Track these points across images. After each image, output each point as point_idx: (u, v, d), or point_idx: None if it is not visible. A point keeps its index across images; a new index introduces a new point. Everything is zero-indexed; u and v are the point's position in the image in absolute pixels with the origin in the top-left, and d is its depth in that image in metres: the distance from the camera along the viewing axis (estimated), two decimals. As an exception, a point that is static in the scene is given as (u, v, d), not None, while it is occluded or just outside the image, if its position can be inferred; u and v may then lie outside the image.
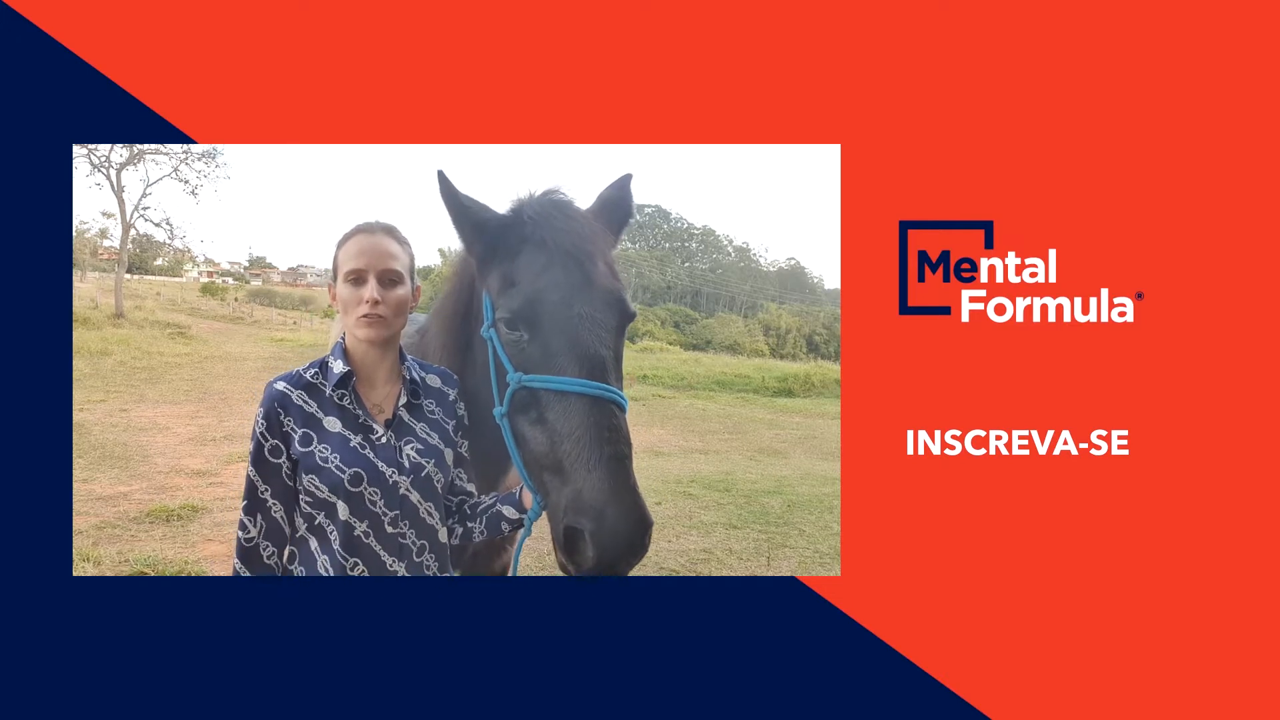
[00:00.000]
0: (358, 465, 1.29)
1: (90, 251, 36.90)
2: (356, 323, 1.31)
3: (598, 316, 1.25)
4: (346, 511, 1.29)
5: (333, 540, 1.29)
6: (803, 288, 77.12)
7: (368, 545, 1.30)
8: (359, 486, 1.28)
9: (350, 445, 1.30)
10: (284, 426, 1.30)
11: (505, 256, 1.33)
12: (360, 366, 1.36)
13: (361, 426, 1.32)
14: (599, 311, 1.26)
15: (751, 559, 4.52)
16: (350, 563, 1.29)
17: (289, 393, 1.32)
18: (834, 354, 43.40)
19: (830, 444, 10.22)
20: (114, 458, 6.37)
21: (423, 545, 1.36)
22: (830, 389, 18.36)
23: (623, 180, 1.47)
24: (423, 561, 1.36)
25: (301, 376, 1.34)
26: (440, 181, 1.36)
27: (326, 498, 1.28)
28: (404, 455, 1.33)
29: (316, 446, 1.29)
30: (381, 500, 1.30)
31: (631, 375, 19.16)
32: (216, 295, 37.25)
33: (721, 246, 77.85)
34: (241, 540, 1.31)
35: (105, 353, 14.07)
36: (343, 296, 1.33)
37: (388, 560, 1.31)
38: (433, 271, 15.49)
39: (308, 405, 1.32)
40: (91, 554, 3.93)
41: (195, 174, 22.86)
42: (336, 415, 1.32)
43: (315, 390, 1.34)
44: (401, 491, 1.31)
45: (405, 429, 1.35)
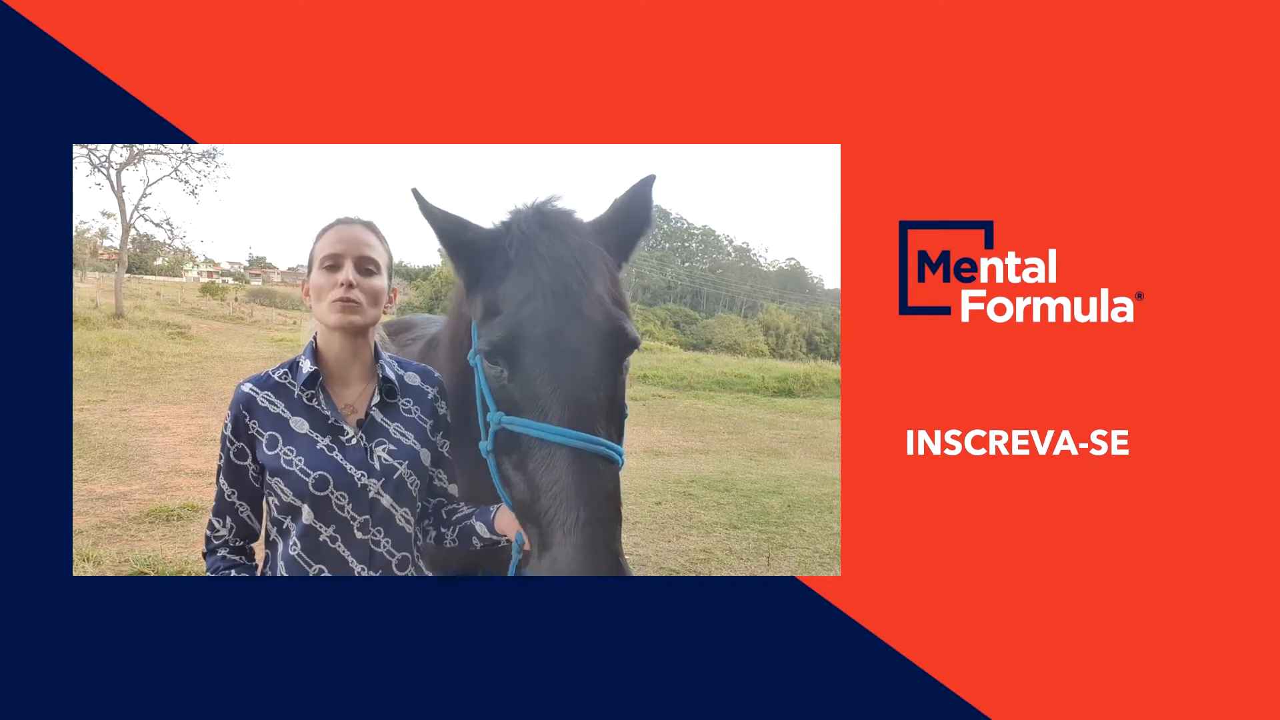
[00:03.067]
0: (323, 468, 1.24)
1: (90, 251, 36.90)
2: (329, 308, 1.25)
3: (587, 353, 1.12)
4: (311, 516, 1.24)
5: (292, 547, 1.24)
6: (803, 288, 77.15)
7: (334, 550, 1.25)
8: (324, 490, 1.23)
9: (317, 448, 1.25)
10: (250, 429, 1.26)
11: (490, 280, 1.21)
12: (332, 364, 1.30)
13: (331, 428, 1.27)
14: (589, 347, 1.12)
15: (751, 559, 4.52)
16: (314, 569, 1.25)
17: (255, 395, 1.27)
18: (834, 354, 43.41)
19: (830, 444, 10.22)
20: (114, 458, 6.37)
21: (404, 557, 1.31)
22: (830, 389, 18.35)
23: (643, 183, 1.32)
24: (405, 574, 1.31)
25: (270, 377, 1.30)
26: (417, 200, 1.27)
27: (292, 501, 1.24)
28: (375, 457, 1.27)
29: (282, 449, 1.24)
30: (350, 504, 1.25)
31: (631, 376, 19.08)
32: (216, 295, 37.22)
33: (721, 246, 77.84)
34: (211, 539, 1.31)
35: (105, 353, 14.07)
36: (316, 283, 1.27)
37: (356, 568, 1.26)
38: (433, 272, 15.46)
39: (274, 406, 1.27)
40: (91, 554, 3.93)
41: (195, 174, 22.89)
42: (305, 416, 1.27)
43: (284, 391, 1.28)
44: (371, 495, 1.26)
45: (377, 429, 1.30)
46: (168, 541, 4.26)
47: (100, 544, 4.13)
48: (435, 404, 1.38)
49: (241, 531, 1.31)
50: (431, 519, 1.40)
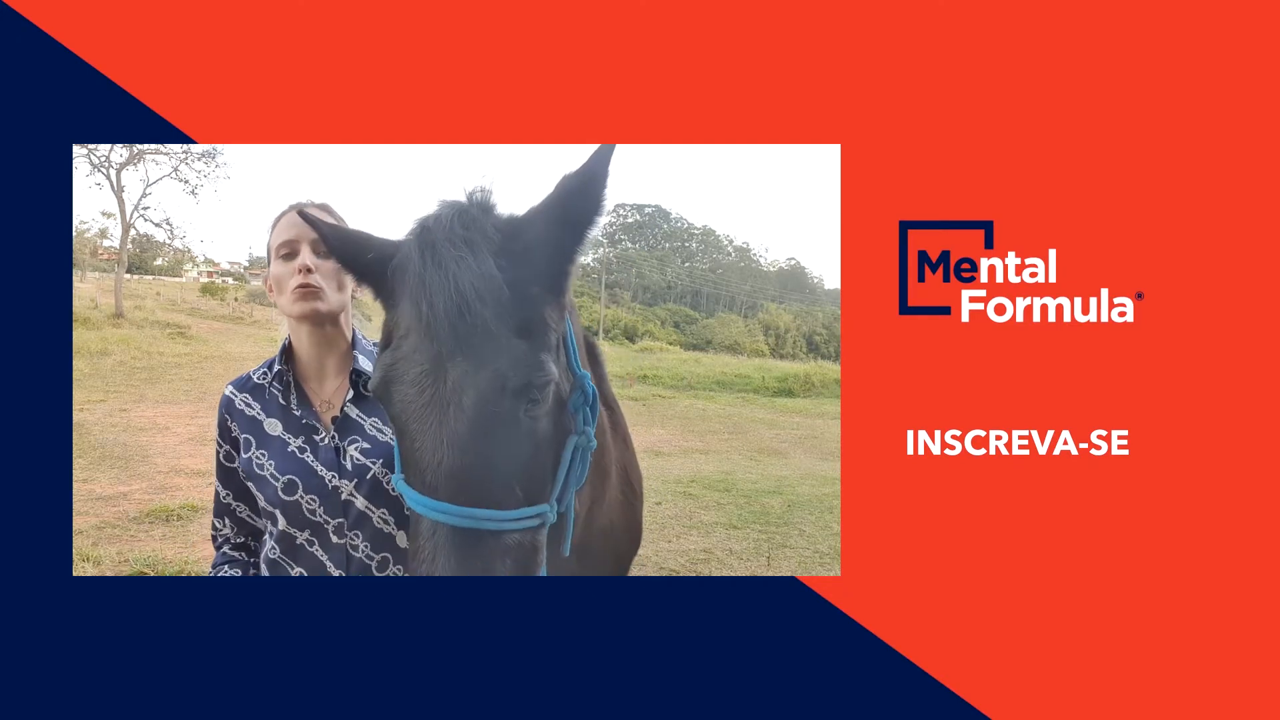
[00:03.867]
0: (292, 472, 1.19)
1: (90, 251, 36.88)
2: (291, 298, 1.19)
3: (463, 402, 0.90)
4: (284, 522, 1.20)
5: (270, 551, 1.22)
6: (803, 288, 77.18)
7: (311, 554, 1.21)
8: (294, 495, 1.19)
9: (288, 450, 1.21)
10: (232, 432, 1.24)
11: (390, 304, 1.02)
12: (305, 360, 1.25)
13: (304, 428, 1.22)
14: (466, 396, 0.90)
15: (751, 559, 4.52)
16: (295, 572, 1.22)
17: (234, 397, 1.25)
18: (834, 354, 43.41)
19: (830, 444, 10.23)
20: (114, 458, 6.37)
21: (384, 558, 1.24)
22: (830, 389, 18.36)
23: (596, 156, 1.03)
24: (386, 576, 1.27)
25: (249, 379, 1.27)
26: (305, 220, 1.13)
27: (265, 506, 1.21)
28: (346, 457, 1.21)
29: (255, 453, 1.21)
30: (321, 508, 1.20)
31: (631, 375, 19.15)
32: (216, 295, 37.19)
33: (721, 246, 77.87)
34: (215, 536, 1.32)
35: (105, 353, 14.07)
36: (276, 275, 1.23)
37: (335, 573, 1.22)
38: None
39: (250, 408, 1.24)
40: (91, 554, 3.93)
41: (195, 174, 22.89)
42: (279, 417, 1.23)
43: (260, 392, 1.25)
44: (344, 497, 1.21)
45: (352, 427, 1.23)
46: (168, 541, 4.26)
47: (100, 544, 4.13)
48: None
49: (242, 530, 1.30)
50: None
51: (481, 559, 0.90)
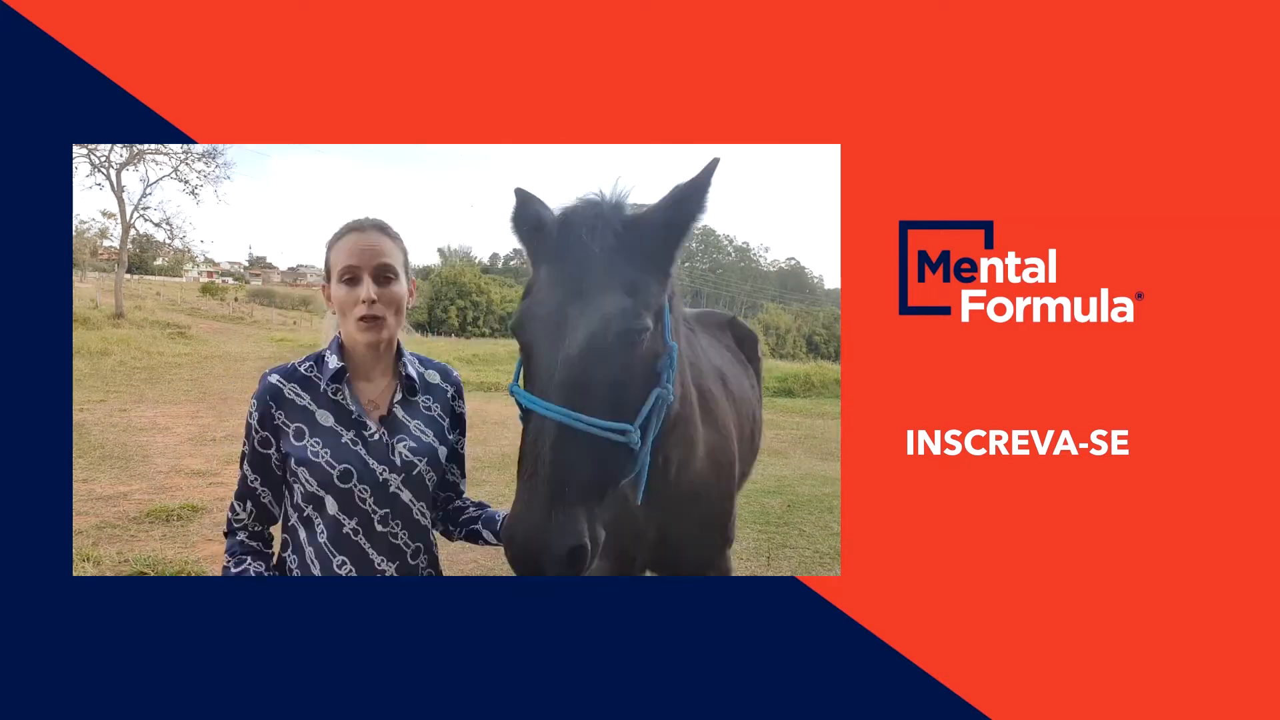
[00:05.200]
0: (348, 461, 1.28)
1: (90, 251, 36.86)
2: (356, 326, 1.30)
3: (577, 334, 1.17)
4: (335, 507, 1.28)
5: (319, 535, 1.29)
6: (803, 288, 77.17)
7: (356, 543, 1.29)
8: (349, 483, 1.28)
9: (342, 441, 1.29)
10: (275, 420, 1.29)
11: (534, 264, 1.33)
12: (357, 361, 1.35)
13: (355, 422, 1.31)
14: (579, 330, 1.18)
15: (751, 559, 4.51)
16: (338, 560, 1.29)
17: (282, 386, 1.31)
18: (834, 354, 43.40)
19: (830, 444, 10.21)
20: (114, 458, 6.37)
21: (417, 547, 1.35)
22: (830, 389, 18.33)
23: (704, 169, 1.32)
24: (417, 564, 1.35)
25: (296, 370, 1.33)
26: (519, 195, 1.39)
27: (316, 492, 1.28)
28: (396, 453, 1.32)
29: (308, 441, 1.29)
30: (371, 498, 1.29)
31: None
32: (216, 295, 37.24)
33: (721, 246, 77.90)
34: (231, 521, 1.35)
35: (105, 353, 14.07)
36: (338, 297, 1.31)
37: (376, 560, 1.30)
38: (433, 271, 15.48)
39: (300, 398, 1.31)
40: (91, 554, 3.93)
41: (195, 174, 22.87)
42: (330, 410, 1.31)
43: (309, 384, 1.32)
44: (392, 489, 1.31)
45: (399, 426, 1.34)
46: (167, 541, 4.26)
47: (100, 544, 4.13)
48: (453, 402, 1.43)
49: (261, 516, 1.35)
50: (440, 514, 1.44)
51: (572, 450, 1.12)
